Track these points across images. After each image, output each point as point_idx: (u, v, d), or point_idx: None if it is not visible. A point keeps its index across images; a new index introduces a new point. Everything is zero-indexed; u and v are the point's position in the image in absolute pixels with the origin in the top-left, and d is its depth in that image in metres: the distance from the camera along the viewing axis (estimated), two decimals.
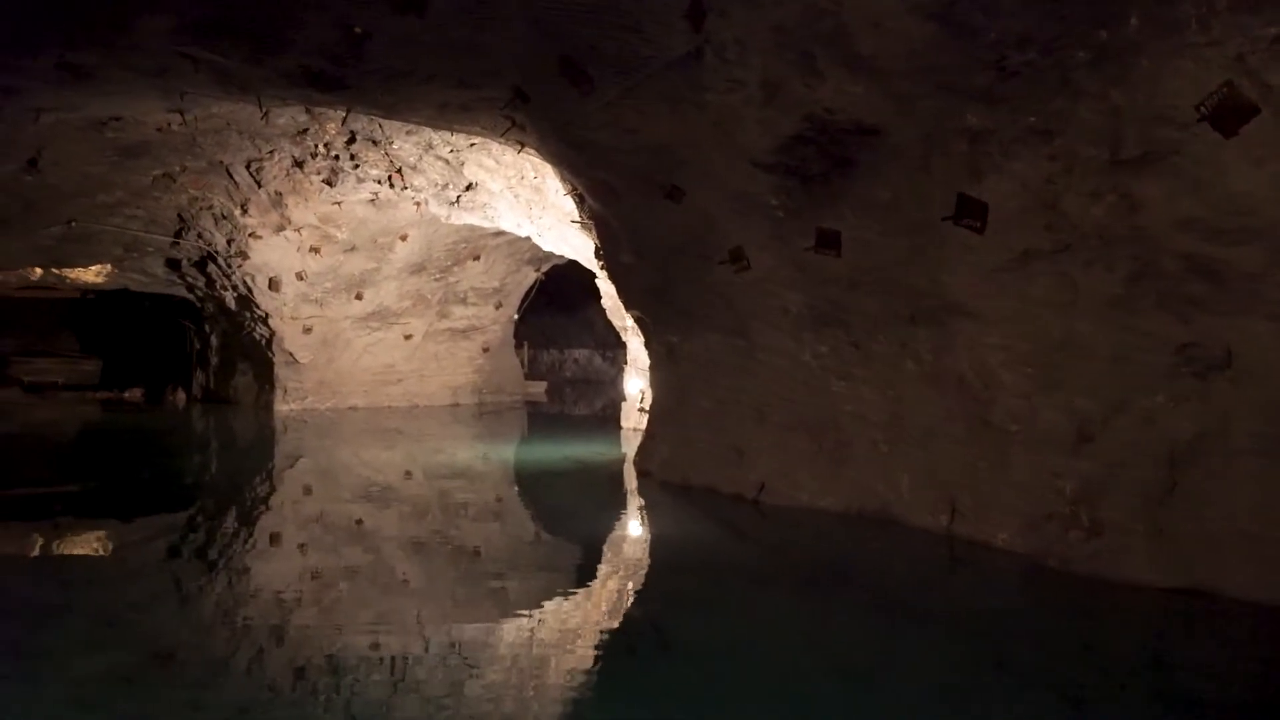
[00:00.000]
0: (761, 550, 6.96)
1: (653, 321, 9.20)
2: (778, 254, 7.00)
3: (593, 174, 8.76)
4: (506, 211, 13.45)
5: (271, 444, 13.24)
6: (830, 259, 6.51)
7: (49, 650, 4.32)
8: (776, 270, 7.10)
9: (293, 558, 6.32)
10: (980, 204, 5.37)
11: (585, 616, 5.28)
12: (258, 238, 14.22)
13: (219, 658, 4.30)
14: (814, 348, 7.20)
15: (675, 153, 7.28)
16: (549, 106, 7.99)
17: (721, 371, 8.11)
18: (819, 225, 6.46)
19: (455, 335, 17.76)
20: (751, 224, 7.04)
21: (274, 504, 8.67)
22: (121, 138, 11.63)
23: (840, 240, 6.41)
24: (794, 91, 5.90)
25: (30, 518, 7.56)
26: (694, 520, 7.75)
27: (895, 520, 6.97)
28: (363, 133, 12.31)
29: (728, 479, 8.03)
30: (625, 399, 14.14)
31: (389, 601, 5.30)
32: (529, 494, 9.38)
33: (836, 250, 6.44)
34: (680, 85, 6.66)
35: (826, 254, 6.45)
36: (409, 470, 10.53)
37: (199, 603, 5.29)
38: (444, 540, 7.05)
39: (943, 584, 6.03)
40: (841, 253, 6.45)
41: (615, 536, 7.53)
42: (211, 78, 8.06)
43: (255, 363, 16.60)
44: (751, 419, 7.84)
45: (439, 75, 8.07)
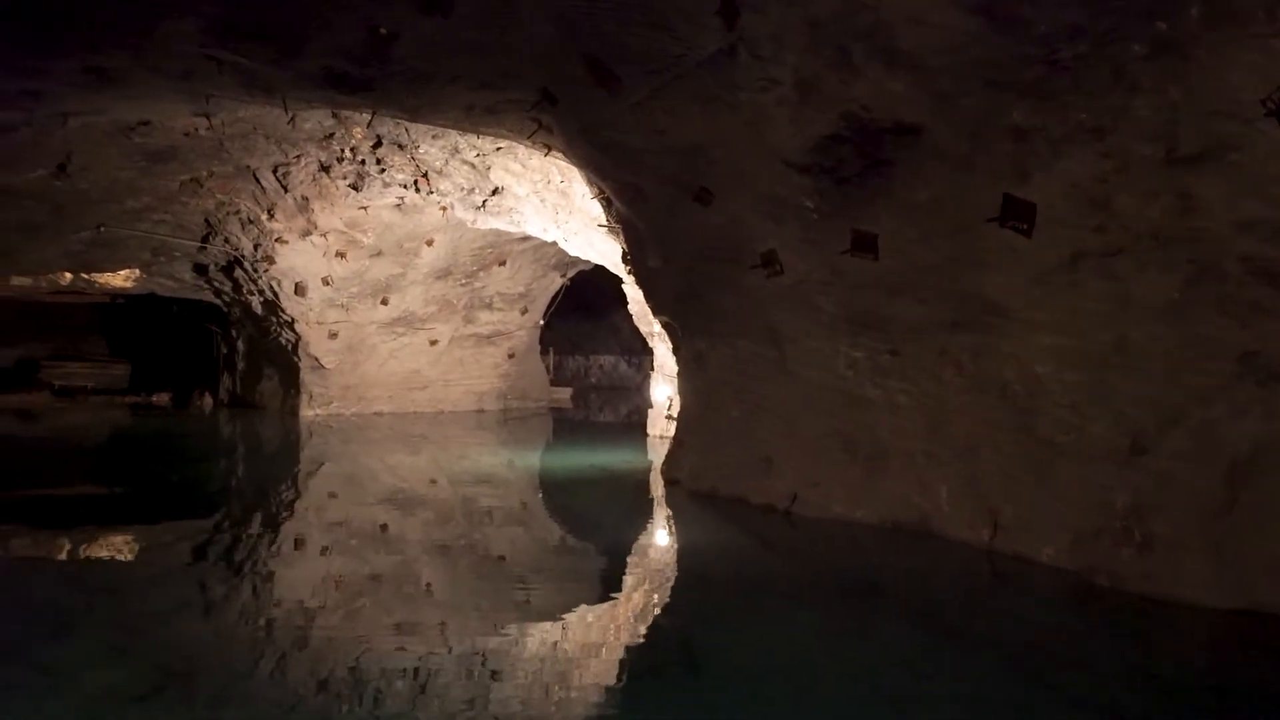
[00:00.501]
0: (793, 564, 6.73)
1: (681, 327, 9.01)
2: (811, 258, 6.79)
3: (620, 177, 8.61)
4: (533, 216, 13.33)
5: (296, 449, 13.22)
6: (866, 263, 6.29)
7: (70, 658, 4.30)
8: (810, 274, 6.89)
9: (317, 563, 6.28)
10: (1028, 205, 5.13)
11: (612, 631, 5.10)
12: (284, 242, 14.21)
13: (243, 665, 4.25)
14: (848, 354, 6.97)
15: (705, 154, 7.10)
16: (576, 108, 7.84)
17: (751, 379, 7.90)
18: (855, 228, 6.25)
19: (481, 341, 17.67)
20: (784, 227, 6.84)
21: (299, 509, 8.63)
22: (149, 142, 11.65)
23: (877, 243, 6.19)
24: (830, 89, 5.70)
25: (59, 521, 7.57)
26: (723, 531, 7.54)
27: (933, 533, 6.72)
28: (389, 137, 12.25)
29: (758, 489, 7.81)
30: (651, 406, 13.95)
31: (413, 609, 5.24)
32: (554, 502, 9.21)
33: (873, 254, 6.22)
34: (711, 84, 6.48)
35: (863, 257, 6.23)
36: (434, 477, 10.44)
37: (223, 609, 5.26)
38: (468, 547, 6.97)
39: (985, 601, 5.77)
40: (878, 256, 6.23)
41: (642, 546, 7.34)
42: (236, 80, 7.99)
43: (281, 368, 16.60)
44: (782, 427, 7.63)
45: (464, 77, 7.96)
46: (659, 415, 13.62)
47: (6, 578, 5.96)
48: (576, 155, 9.17)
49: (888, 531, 6.98)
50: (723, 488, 8.19)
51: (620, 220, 10.00)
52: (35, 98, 8.19)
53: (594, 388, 27.55)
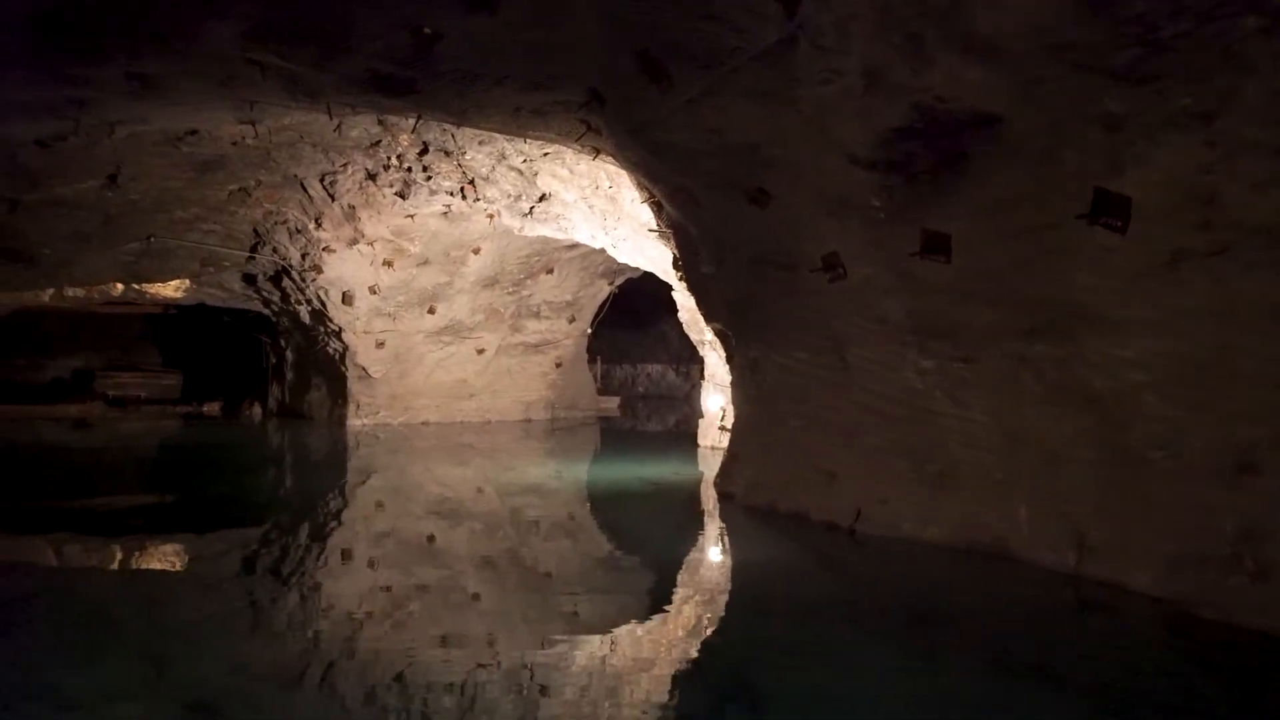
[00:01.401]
0: (857, 586, 6.31)
1: (735, 335, 8.64)
2: (877, 260, 6.38)
3: (672, 179, 8.29)
4: (581, 223, 13.08)
5: (344, 459, 13.19)
6: (938, 265, 5.87)
7: (122, 667, 4.31)
8: (875, 278, 6.48)
9: (364, 574, 6.23)
10: (1122, 200, 4.69)
11: (663, 649, 4.77)
12: (331, 251, 14.16)
13: (290, 675, 4.23)
14: (917, 363, 6.54)
15: (762, 153, 6.73)
16: (626, 107, 7.54)
17: (811, 388, 7.50)
18: (925, 228, 5.83)
19: (528, 350, 17.48)
20: (847, 228, 6.45)
21: (346, 520, 8.59)
22: (197, 152, 11.64)
23: (950, 244, 5.77)
24: (900, 79, 5.30)
25: (110, 530, 7.64)
26: (781, 549, 7.15)
27: (1010, 555, 6.24)
28: (435, 143, 12.10)
29: (818, 505, 7.40)
30: (703, 416, 13.58)
31: (460, 620, 5.20)
32: (603, 514, 8.87)
33: (945, 255, 5.80)
34: (769, 78, 6.12)
35: (934, 259, 5.81)
36: (481, 487, 10.26)
37: (271, 618, 5.25)
38: (515, 559, 6.86)
39: (1073, 634, 5.27)
40: (951, 258, 5.80)
41: (695, 562, 6.97)
42: (279, 85, 7.84)
43: (329, 377, 16.58)
44: (845, 440, 7.21)
45: (511, 77, 7.71)
46: (711, 425, 13.25)
47: (57, 587, 6.00)
48: (626, 158, 8.87)
49: (960, 553, 6.52)
50: (781, 503, 7.78)
51: (671, 225, 9.67)
52: (81, 106, 8.14)
53: (641, 397, 27.36)
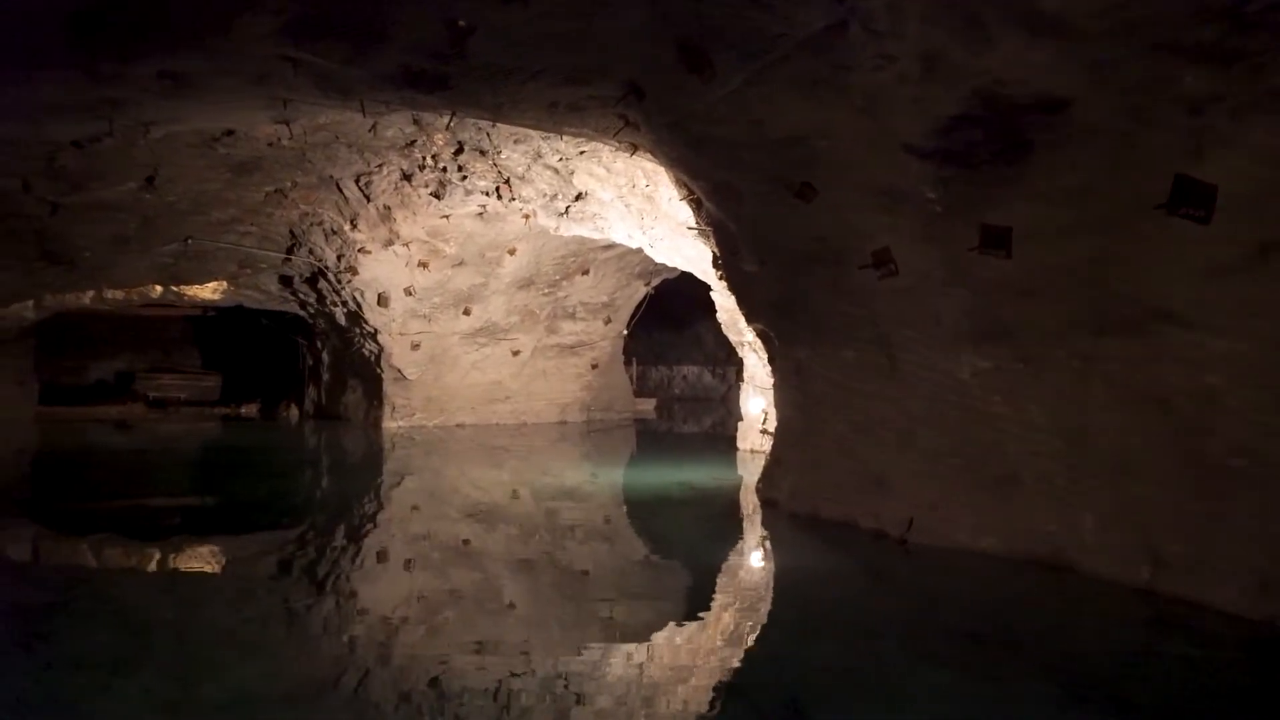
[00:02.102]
0: (910, 599, 5.98)
1: (778, 335, 8.35)
2: (931, 256, 6.07)
3: (712, 174, 8.02)
4: (617, 222, 12.86)
5: (379, 462, 13.12)
6: (997, 261, 5.55)
7: (157, 671, 4.34)
8: (929, 275, 6.16)
9: (399, 578, 6.21)
10: (1206, 188, 4.34)
11: (702, 671, 4.52)
12: (366, 253, 14.09)
13: (325, 681, 4.21)
14: (973, 364, 6.21)
15: (809, 145, 6.45)
16: (665, 100, 7.29)
17: (859, 391, 7.19)
18: (984, 221, 5.52)
19: (564, 351, 17.31)
20: (900, 222, 6.14)
21: (382, 522, 8.55)
22: (234, 153, 11.60)
23: (1010, 238, 5.44)
24: (959, 63, 5.00)
25: (149, 531, 7.70)
26: (827, 559, 6.84)
27: (1074, 568, 5.89)
28: (470, 143, 11.96)
29: (867, 512, 7.08)
30: (742, 419, 13.28)
31: (495, 625, 5.15)
32: (641, 521, 8.60)
33: (1005, 250, 5.48)
34: (817, 66, 5.84)
35: (993, 255, 5.49)
36: (516, 490, 10.09)
37: (306, 623, 5.23)
38: (551, 565, 6.72)
39: (1146, 656, 4.89)
40: (1011, 253, 5.48)
41: (737, 574, 6.70)
42: (311, 82, 7.70)
43: (365, 379, 16.54)
44: (895, 444, 6.89)
45: (547, 71, 7.50)
46: (750, 429, 12.95)
47: (97, 588, 6.03)
48: (664, 153, 8.62)
49: (1019, 564, 6.17)
50: (827, 510, 7.48)
51: (711, 222, 9.40)
52: (114, 106, 8.07)
53: (677, 399, 27.16)
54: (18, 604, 5.47)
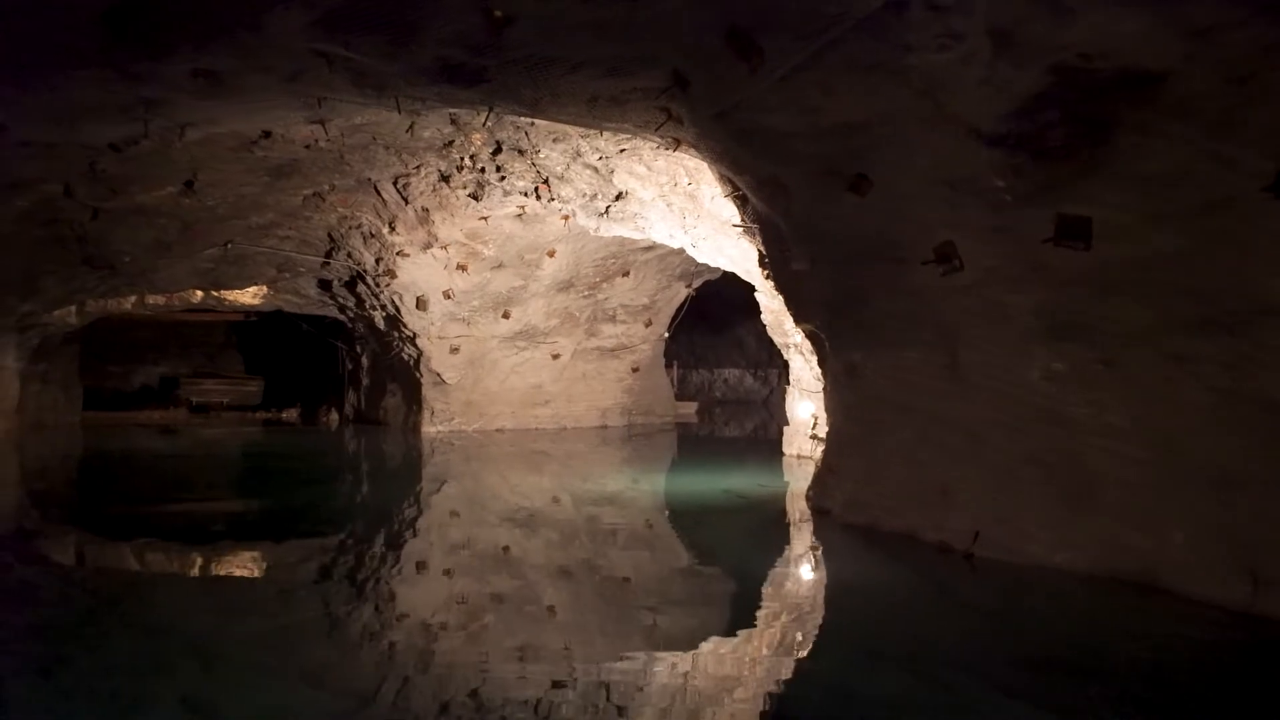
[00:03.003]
0: (978, 619, 5.55)
1: (830, 337, 7.96)
2: (1001, 249, 5.65)
3: (760, 168, 7.67)
4: (658, 222, 12.55)
5: (419, 466, 13.03)
6: (1075, 253, 5.12)
7: (197, 676, 4.32)
8: (998, 270, 5.75)
9: (439, 584, 6.16)
10: None
11: (755, 706, 4.18)
12: (405, 256, 13.95)
13: (365, 688, 4.16)
14: (1046, 365, 5.78)
15: (865, 134, 6.07)
16: (711, 90, 6.95)
17: (919, 394, 6.78)
18: (1061, 211, 5.10)
19: (604, 354, 17.04)
20: (965, 215, 5.73)
21: (421, 528, 8.46)
22: (271, 156, 11.50)
23: (1090, 229, 5.02)
24: (1034, 38, 4.60)
25: (191, 536, 7.75)
26: (887, 573, 6.44)
27: (1162, 587, 5.41)
28: (508, 142, 11.73)
29: (930, 524, 6.66)
30: (788, 423, 12.87)
31: (536, 632, 5.05)
32: (687, 534, 8.22)
33: (1084, 242, 5.05)
34: (875, 48, 5.46)
35: (1070, 247, 5.07)
36: (557, 496, 9.89)
37: (346, 629, 5.18)
38: (593, 570, 6.61)
39: (1256, 687, 4.43)
40: (1091, 245, 5.05)
41: (788, 591, 6.31)
42: (347, 78, 7.50)
43: (404, 383, 16.43)
44: (960, 452, 6.47)
45: (588, 63, 7.20)
46: (797, 433, 12.54)
47: (139, 591, 6.08)
48: (709, 148, 8.29)
49: (1100, 582, 5.71)
50: (885, 521, 7.06)
51: (757, 219, 9.05)
52: (149, 106, 7.95)
53: (718, 402, 26.89)
54: (60, 608, 5.52)
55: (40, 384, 15.64)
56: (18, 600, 5.80)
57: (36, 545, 7.56)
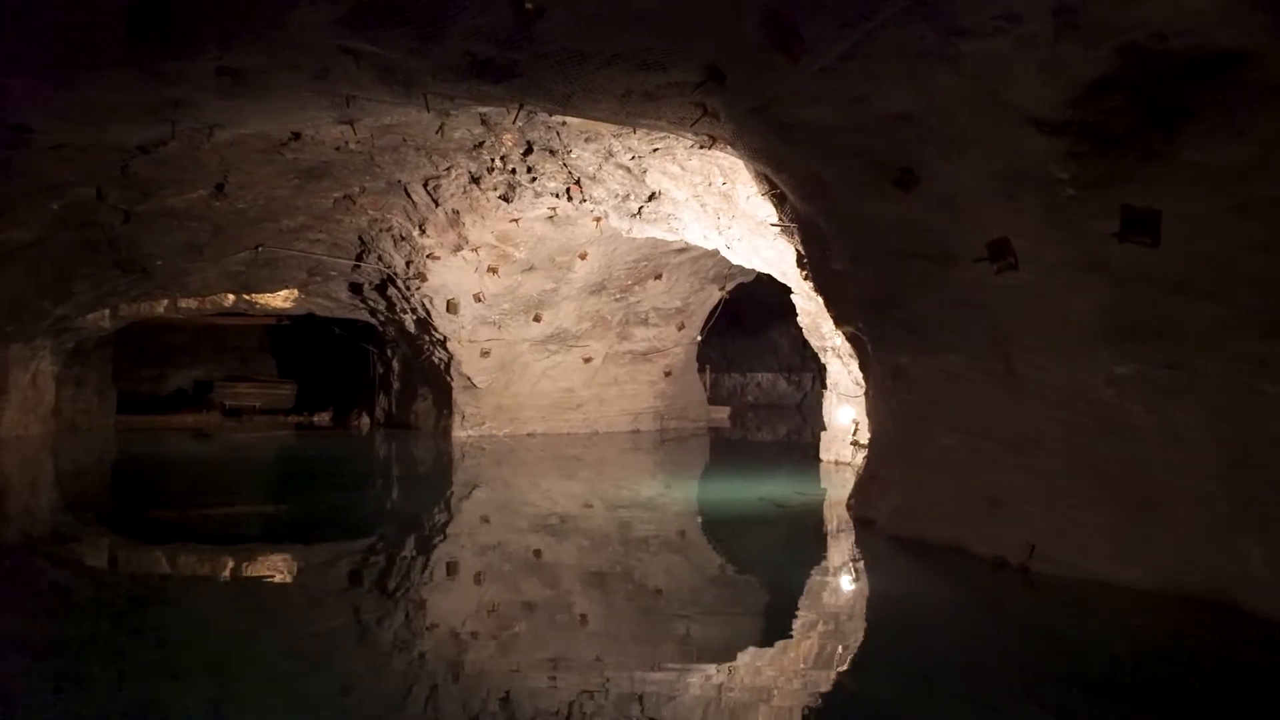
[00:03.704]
0: (1036, 640, 5.20)
1: (873, 339, 7.64)
2: (1060, 246, 5.31)
3: (799, 164, 7.38)
4: (692, 223, 12.30)
5: (449, 471, 12.93)
6: (1142, 249, 4.78)
7: (226, 683, 4.28)
8: (1057, 268, 5.41)
9: (470, 591, 6.11)
10: None
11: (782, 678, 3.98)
12: (435, 258, 13.82)
13: (395, 696, 4.13)
14: (1108, 369, 5.43)
15: (913, 125, 5.75)
16: (749, 83, 6.68)
17: (969, 399, 6.45)
18: (1126, 204, 4.76)
19: (636, 358, 16.80)
20: (1021, 209, 5.40)
21: (452, 533, 8.39)
22: (302, 158, 11.41)
23: (1159, 223, 4.68)
24: (1101, 17, 4.27)
25: (226, 539, 7.83)
26: (937, 588, 6.11)
27: (1237, 607, 5.04)
28: (539, 142, 11.55)
29: (982, 536, 6.31)
30: (825, 429, 12.54)
31: (567, 641, 5.00)
32: (724, 545, 7.91)
33: (1152, 237, 4.71)
34: (925, 34, 5.15)
35: (1137, 242, 4.74)
36: (589, 502, 9.75)
37: (376, 636, 5.15)
38: (626, 577, 6.51)
39: None
40: (1159, 240, 4.71)
41: (831, 606, 6.00)
42: (374, 76, 7.33)
43: (434, 387, 16.32)
44: (1013, 460, 6.13)
45: (622, 56, 6.97)
46: (835, 439, 12.20)
47: (169, 596, 6.08)
48: (746, 145, 8.01)
49: (1167, 601, 5.34)
50: (933, 533, 6.73)
51: (796, 218, 8.75)
52: (176, 106, 7.84)
53: (751, 406, 26.58)
54: (92, 611, 5.55)
55: (75, 387, 15.73)
56: (48, 603, 5.88)
57: (69, 548, 7.63)
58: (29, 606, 5.74)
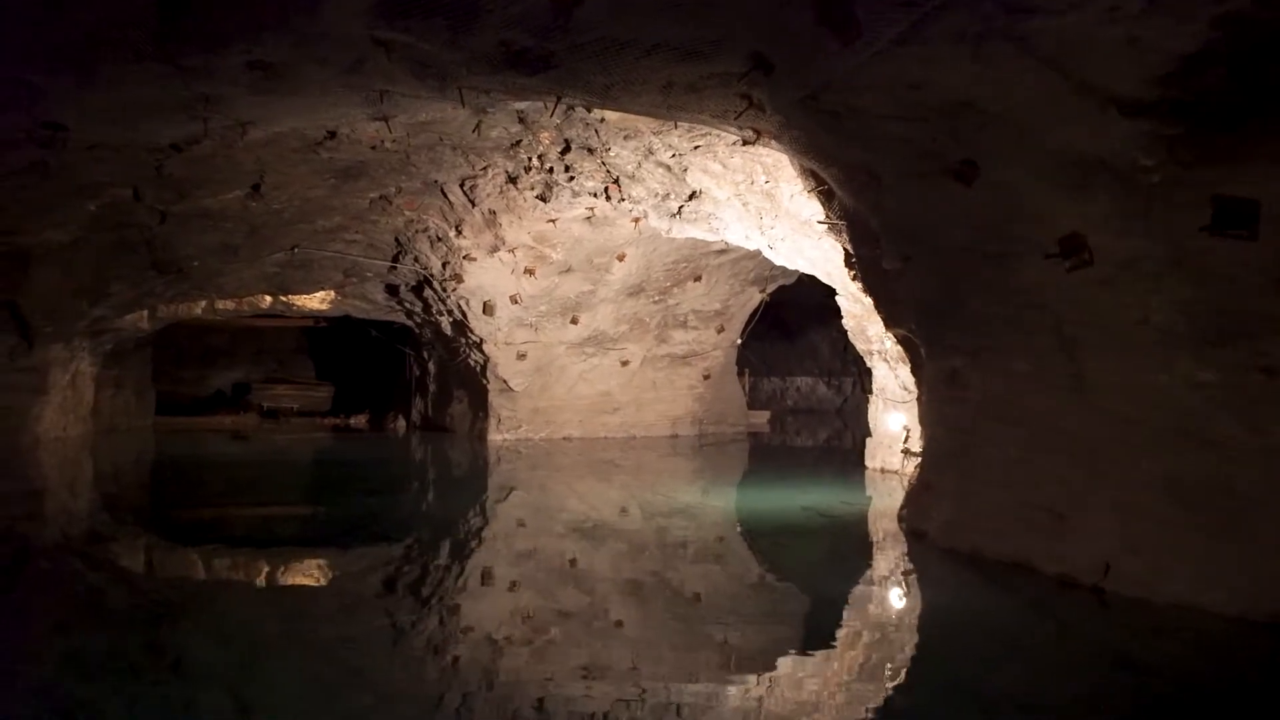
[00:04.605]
0: (1113, 669, 4.76)
1: (927, 342, 7.25)
2: (1141, 240, 4.90)
3: (849, 158, 7.02)
4: (734, 222, 11.96)
5: (485, 475, 12.76)
6: (1236, 243, 4.37)
7: (259, 688, 4.23)
8: (1136, 263, 5.00)
9: (504, 597, 5.99)
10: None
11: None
12: (472, 259, 13.63)
13: (428, 702, 4.08)
14: (1192, 374, 5.00)
15: (975, 113, 5.38)
16: (797, 70, 6.33)
17: (1033, 405, 6.04)
18: (1219, 193, 4.36)
19: (674, 361, 16.47)
20: (1093, 199, 5.00)
21: (487, 538, 8.28)
22: (338, 158, 11.27)
23: (1257, 214, 4.27)
24: None
25: (261, 541, 7.73)
26: (1002, 610, 5.69)
27: None
28: (577, 140, 11.28)
29: (1049, 553, 5.88)
30: (870, 434, 12.11)
31: (603, 648, 4.86)
32: (768, 556, 7.50)
33: (1249, 230, 4.30)
34: (990, 13, 4.78)
35: (1233, 236, 4.33)
36: (625, 507, 9.53)
37: (410, 641, 5.07)
38: (663, 584, 6.34)
39: None
40: (1258, 233, 4.29)
41: (889, 629, 5.61)
42: (407, 69, 7.11)
43: (470, 390, 16.14)
44: (1083, 472, 5.70)
45: (663, 46, 6.66)
46: (881, 445, 11.77)
47: (205, 599, 6.05)
48: (793, 138, 7.66)
49: (1256, 628, 4.89)
50: (993, 548, 6.31)
51: (845, 215, 8.39)
52: (208, 102, 7.70)
53: (790, 411, 26.18)
54: (128, 614, 5.51)
55: (114, 388, 15.79)
56: (84, 603, 5.86)
57: (106, 549, 7.63)
58: (62, 608, 5.73)
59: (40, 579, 6.60)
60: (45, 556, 7.31)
